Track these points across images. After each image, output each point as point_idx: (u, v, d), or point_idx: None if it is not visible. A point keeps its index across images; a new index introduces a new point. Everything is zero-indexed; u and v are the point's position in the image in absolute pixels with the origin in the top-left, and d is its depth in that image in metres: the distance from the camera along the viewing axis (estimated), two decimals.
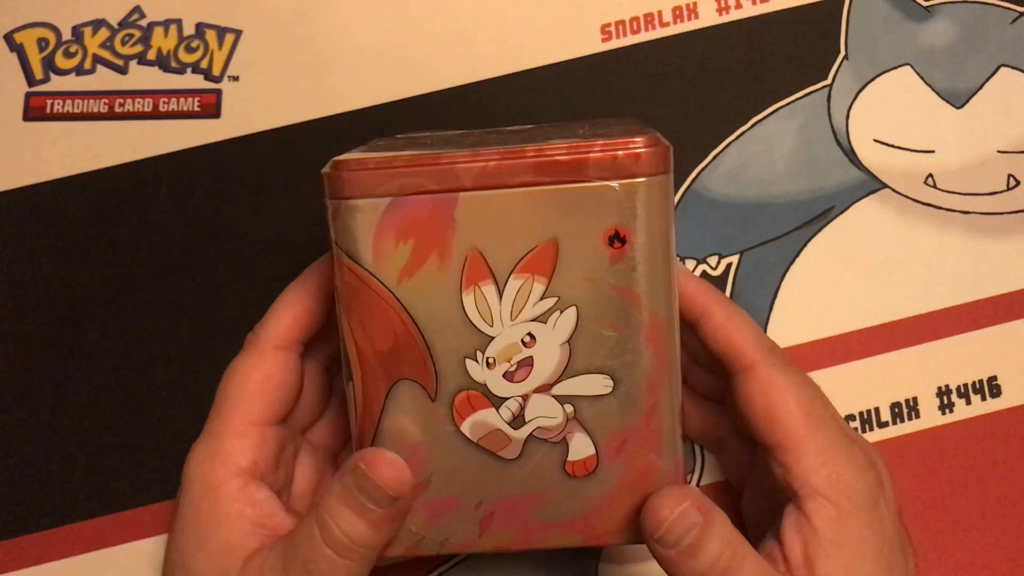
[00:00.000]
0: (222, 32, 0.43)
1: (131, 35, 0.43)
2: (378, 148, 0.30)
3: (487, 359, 0.28)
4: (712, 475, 0.38)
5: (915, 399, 0.38)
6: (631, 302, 0.28)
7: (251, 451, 0.31)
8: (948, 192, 0.41)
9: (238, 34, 0.43)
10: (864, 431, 0.38)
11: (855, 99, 0.42)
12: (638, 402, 0.29)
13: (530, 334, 0.28)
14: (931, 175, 0.41)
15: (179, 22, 0.43)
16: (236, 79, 0.43)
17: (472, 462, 0.29)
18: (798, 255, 0.40)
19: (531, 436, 0.29)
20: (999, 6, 0.42)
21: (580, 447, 0.29)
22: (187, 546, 0.31)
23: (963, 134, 0.41)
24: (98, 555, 0.39)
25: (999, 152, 0.41)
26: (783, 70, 0.42)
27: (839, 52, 0.42)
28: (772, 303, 0.40)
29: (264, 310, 0.33)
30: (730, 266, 0.40)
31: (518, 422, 0.29)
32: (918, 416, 0.38)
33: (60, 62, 0.43)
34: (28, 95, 0.43)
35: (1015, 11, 0.42)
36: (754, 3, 0.43)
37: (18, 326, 0.41)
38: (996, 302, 0.39)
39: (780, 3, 0.42)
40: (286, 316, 0.32)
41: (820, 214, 0.41)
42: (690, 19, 0.43)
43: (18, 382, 0.40)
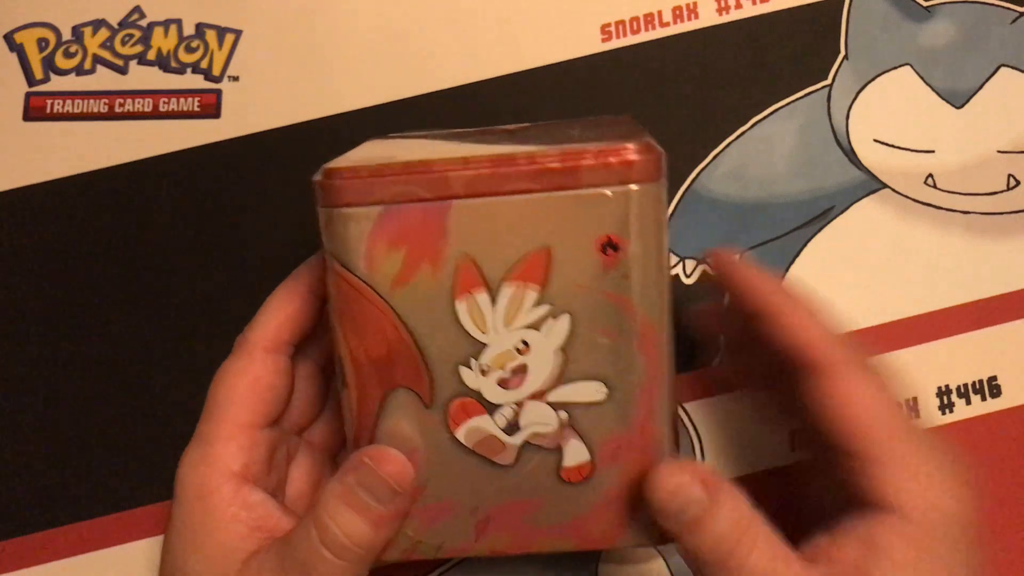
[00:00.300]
0: (222, 32, 0.43)
1: (131, 35, 0.43)
2: (370, 151, 0.30)
3: (481, 366, 0.28)
4: None
5: (915, 399, 0.38)
6: (624, 309, 0.28)
7: (242, 455, 0.31)
8: (948, 192, 0.41)
9: (238, 34, 0.43)
10: None
11: (855, 99, 0.42)
12: (632, 408, 0.28)
13: (524, 341, 0.28)
14: (931, 175, 0.41)
15: (179, 22, 0.43)
16: (236, 79, 0.43)
17: (467, 468, 0.29)
18: (798, 255, 0.40)
19: (526, 442, 0.29)
20: (999, 6, 0.42)
21: (575, 453, 0.29)
22: (183, 551, 0.30)
23: (963, 134, 0.41)
24: (98, 555, 0.39)
25: (999, 152, 0.41)
26: (783, 70, 0.42)
27: (839, 52, 0.42)
28: None
29: None
30: None
31: (512, 428, 0.29)
32: (918, 416, 0.38)
33: (60, 62, 0.43)
34: (28, 95, 0.43)
35: (1015, 11, 0.42)
36: (754, 3, 0.43)
37: (18, 326, 0.41)
38: (996, 302, 0.39)
39: (780, 3, 0.42)
40: (275, 318, 0.32)
41: (820, 214, 0.41)
42: (690, 19, 0.43)
43: (18, 382, 0.40)
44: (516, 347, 0.28)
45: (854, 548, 0.27)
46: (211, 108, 0.42)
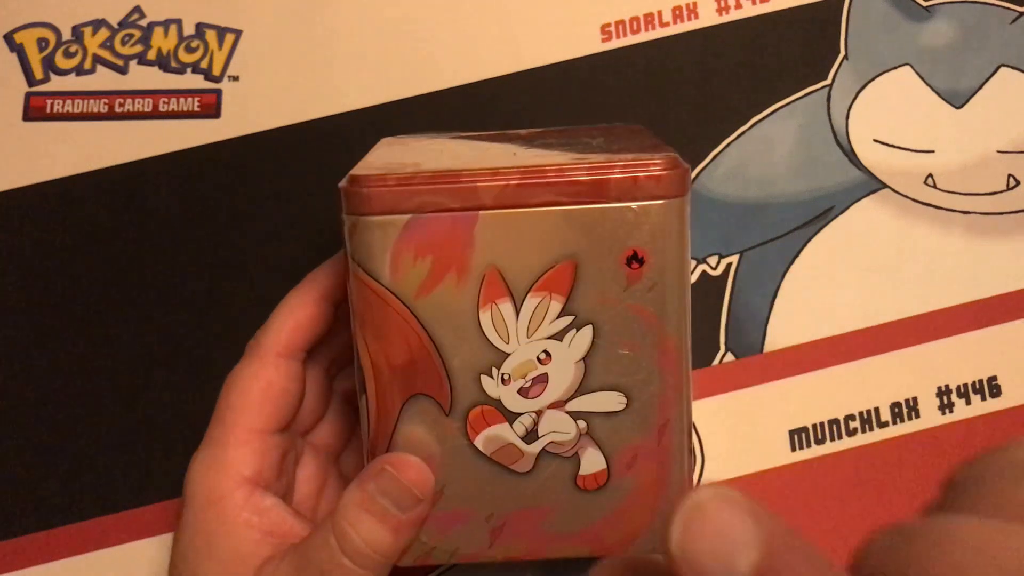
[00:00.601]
0: (222, 32, 0.43)
1: (131, 35, 0.43)
2: (388, 155, 0.30)
3: (502, 375, 0.28)
4: (712, 475, 0.38)
5: (915, 399, 0.38)
6: (647, 322, 0.28)
7: (255, 460, 0.31)
8: (948, 192, 0.41)
9: (238, 34, 0.43)
10: (864, 431, 0.38)
11: (855, 99, 0.42)
12: (650, 419, 0.29)
13: (546, 351, 0.28)
14: (931, 175, 0.41)
15: (179, 22, 0.43)
16: (236, 79, 0.43)
17: (484, 475, 0.29)
18: (798, 255, 0.40)
19: (543, 450, 0.29)
20: (999, 6, 0.42)
21: (592, 462, 0.29)
22: (195, 556, 0.30)
23: (963, 134, 0.41)
24: (98, 555, 0.39)
25: (999, 152, 0.41)
26: (783, 70, 0.42)
27: (839, 52, 0.42)
28: (772, 303, 0.40)
29: (265, 310, 0.33)
30: (730, 266, 0.40)
31: (531, 437, 0.29)
32: (918, 416, 0.38)
33: (60, 62, 0.43)
34: (28, 95, 0.43)
35: (1015, 11, 0.42)
36: (754, 3, 0.43)
37: (18, 326, 0.41)
38: (996, 302, 0.39)
39: (780, 3, 0.42)
40: (288, 323, 0.32)
41: (820, 214, 0.41)
42: (690, 19, 0.43)
43: (18, 382, 0.40)
44: (538, 357, 0.28)
45: None
46: (211, 108, 0.42)
